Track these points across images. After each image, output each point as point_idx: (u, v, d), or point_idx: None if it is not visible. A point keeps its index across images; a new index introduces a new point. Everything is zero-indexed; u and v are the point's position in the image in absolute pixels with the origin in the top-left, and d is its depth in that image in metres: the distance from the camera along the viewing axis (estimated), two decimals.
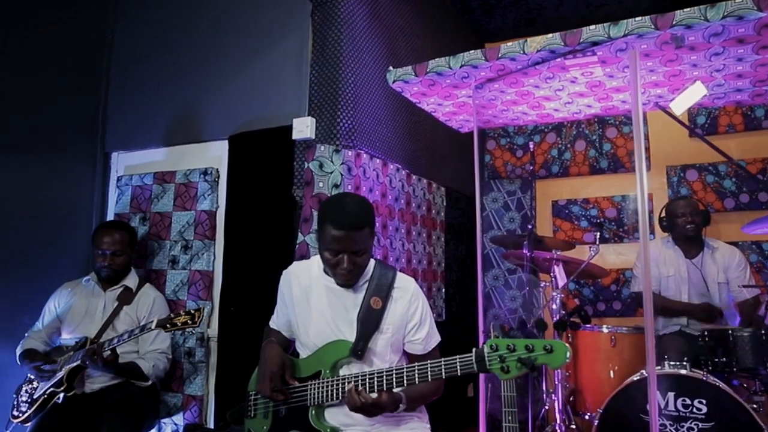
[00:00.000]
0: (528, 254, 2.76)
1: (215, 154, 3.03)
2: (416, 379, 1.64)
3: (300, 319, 1.97)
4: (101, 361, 2.31)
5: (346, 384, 1.75)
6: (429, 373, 1.62)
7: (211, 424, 2.79)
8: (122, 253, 2.73)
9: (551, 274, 2.97)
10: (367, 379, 1.71)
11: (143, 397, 2.58)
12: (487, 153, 4.65)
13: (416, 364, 1.66)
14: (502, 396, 1.94)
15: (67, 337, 2.64)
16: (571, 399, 2.99)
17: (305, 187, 2.62)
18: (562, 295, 2.68)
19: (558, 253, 2.89)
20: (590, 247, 2.69)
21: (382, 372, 1.70)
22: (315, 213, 2.56)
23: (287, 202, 2.68)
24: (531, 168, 4.38)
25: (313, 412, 1.84)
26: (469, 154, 4.62)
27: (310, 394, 1.85)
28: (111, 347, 2.33)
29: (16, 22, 2.94)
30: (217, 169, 2.99)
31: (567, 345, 1.47)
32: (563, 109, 2.78)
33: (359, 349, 1.84)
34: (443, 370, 1.60)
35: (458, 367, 1.58)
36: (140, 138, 3.27)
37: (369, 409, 1.67)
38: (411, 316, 1.92)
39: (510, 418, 1.92)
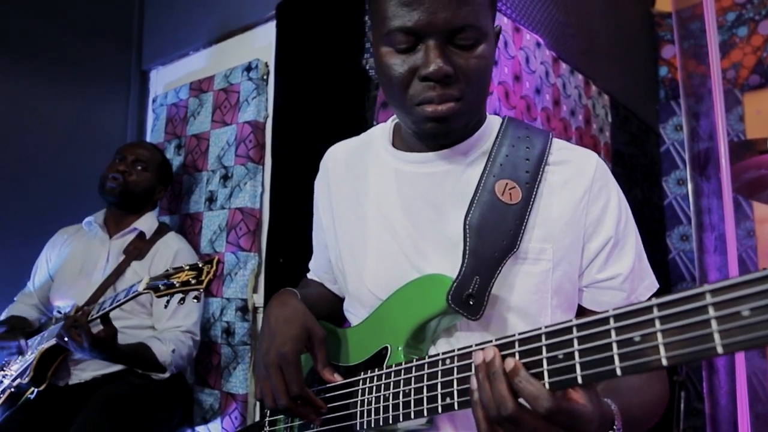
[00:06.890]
0: None
1: (262, 44, 2.08)
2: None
3: (344, 242, 0.92)
4: (86, 337, 1.44)
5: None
6: None
7: None
8: (146, 168, 1.91)
9: None
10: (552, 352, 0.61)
11: (150, 393, 1.67)
12: (663, 64, 3.27)
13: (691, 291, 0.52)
14: None
15: (60, 304, 1.84)
16: None
17: None
18: None
19: None
20: None
21: (550, 328, 0.61)
22: None
23: (356, 82, 1.65)
24: (734, 75, 2.95)
25: None
26: (643, 56, 3.21)
27: (362, 402, 0.79)
28: (100, 313, 1.46)
29: None
30: (266, 62, 2.04)
31: None
32: None
33: (471, 293, 0.75)
34: None
35: None
36: (178, 43, 2.43)
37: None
38: (596, 222, 0.81)
39: None
